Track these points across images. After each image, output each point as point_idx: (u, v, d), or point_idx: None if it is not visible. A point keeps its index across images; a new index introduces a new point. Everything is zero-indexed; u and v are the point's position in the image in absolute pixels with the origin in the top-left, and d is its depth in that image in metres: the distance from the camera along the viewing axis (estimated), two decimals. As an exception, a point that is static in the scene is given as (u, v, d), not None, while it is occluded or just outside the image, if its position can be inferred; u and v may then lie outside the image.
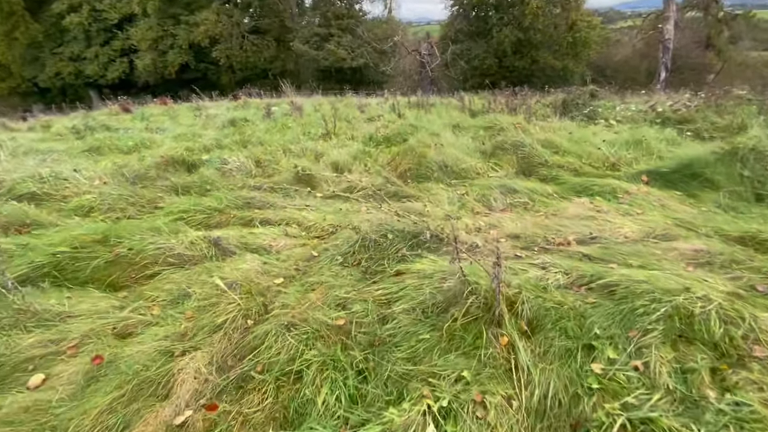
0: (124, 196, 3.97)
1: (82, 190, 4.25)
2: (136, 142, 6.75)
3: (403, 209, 3.53)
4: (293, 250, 2.92)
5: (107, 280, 2.66)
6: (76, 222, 3.67)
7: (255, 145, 5.81)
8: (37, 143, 7.01)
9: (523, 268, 2.48)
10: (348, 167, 4.77)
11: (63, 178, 4.49)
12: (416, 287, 2.24)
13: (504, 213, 3.52)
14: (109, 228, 2.99)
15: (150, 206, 3.92)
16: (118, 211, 3.82)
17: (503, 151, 4.81)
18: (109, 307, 2.32)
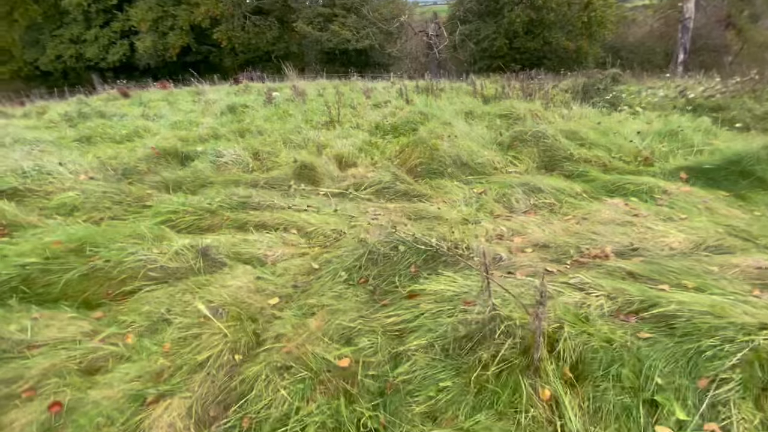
0: (109, 193, 3.64)
1: (66, 186, 3.92)
2: (130, 131, 6.39)
3: (415, 212, 3.17)
4: (291, 261, 2.58)
5: (81, 297, 2.35)
6: (57, 223, 3.36)
7: (254, 134, 5.43)
8: (27, 131, 6.68)
9: (557, 287, 2.12)
10: (353, 161, 4.40)
11: (47, 172, 4.17)
12: (434, 314, 1.90)
13: (528, 216, 3.14)
14: (86, 235, 2.67)
15: (137, 205, 3.60)
16: (103, 211, 3.50)
17: (522, 143, 4.39)
18: (78, 333, 2.01)
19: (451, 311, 1.89)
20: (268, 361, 1.69)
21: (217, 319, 1.91)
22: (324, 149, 4.58)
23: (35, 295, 2.38)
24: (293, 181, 3.89)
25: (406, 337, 1.80)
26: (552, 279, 2.26)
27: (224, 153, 4.44)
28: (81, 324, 2.11)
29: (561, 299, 2.01)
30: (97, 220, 3.42)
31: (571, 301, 1.99)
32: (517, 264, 2.44)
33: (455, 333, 1.74)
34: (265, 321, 2.01)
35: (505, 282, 2.16)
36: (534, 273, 2.35)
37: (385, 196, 3.54)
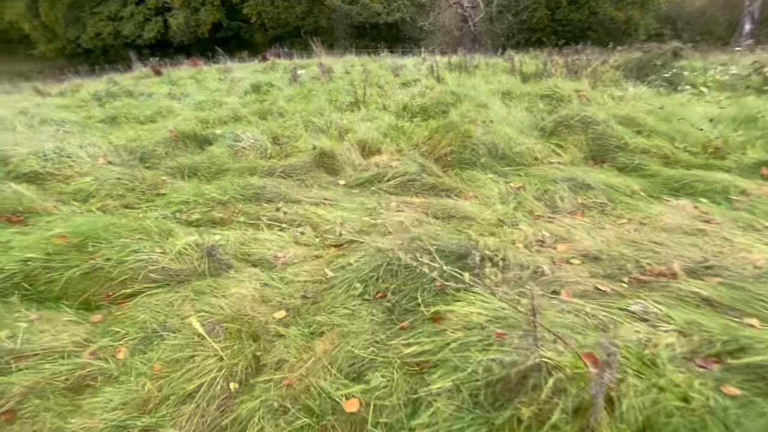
0: (124, 180, 3.51)
1: (84, 170, 3.84)
2: (154, 112, 6.30)
3: (442, 209, 2.82)
4: (303, 265, 2.33)
5: (82, 297, 2.21)
6: (71, 210, 3.27)
7: (275, 116, 5.17)
8: (57, 111, 6.74)
9: (612, 314, 1.76)
10: (377, 147, 4.05)
11: (66, 155, 4.10)
12: (462, 346, 1.59)
13: (574, 217, 2.73)
14: (90, 229, 2.51)
15: (151, 192, 3.45)
16: (116, 198, 3.38)
17: (568, 129, 3.89)
18: (71, 342, 1.85)
19: (484, 343, 1.58)
20: (265, 398, 1.45)
21: (213, 338, 1.69)
22: (346, 134, 4.25)
23: (37, 292, 2.26)
24: (312, 169, 3.61)
25: (428, 375, 1.51)
26: (606, 301, 1.89)
27: (242, 137, 4.21)
28: (76, 330, 1.96)
29: (616, 331, 1.65)
30: (110, 209, 3.31)
31: (633, 336, 1.62)
32: (562, 279, 2.07)
33: (488, 375, 1.43)
34: (268, 340, 1.77)
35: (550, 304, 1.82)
36: (583, 293, 1.98)
37: (410, 189, 3.20)
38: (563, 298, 1.90)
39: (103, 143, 4.49)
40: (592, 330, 1.68)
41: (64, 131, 5.24)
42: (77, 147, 4.26)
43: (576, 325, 1.68)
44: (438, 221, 2.69)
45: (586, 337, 1.61)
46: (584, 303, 1.86)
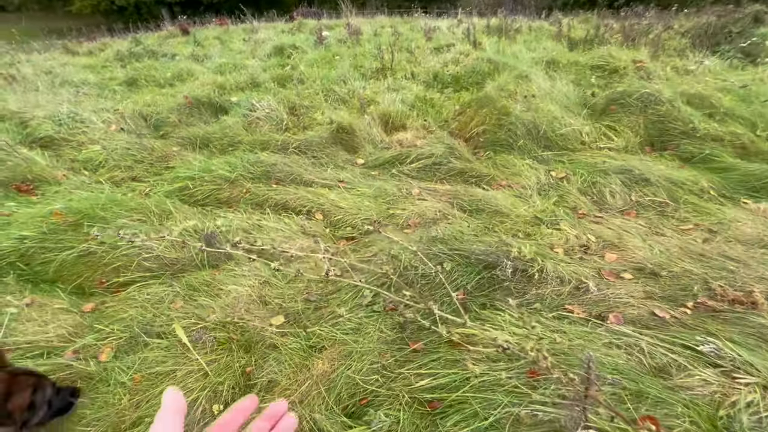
0: (133, 150, 3.33)
1: (96, 137, 3.69)
2: (174, 74, 6.07)
3: (471, 200, 2.48)
4: (309, 260, 2.09)
5: (76, 281, 2.08)
6: (81, 181, 3.14)
7: (295, 83, 4.82)
8: (80, 72, 6.64)
9: (674, 353, 1.43)
10: (402, 122, 3.67)
11: (80, 120, 3.97)
12: (485, 385, 1.32)
13: (626, 217, 2.32)
14: (88, 207, 2.36)
15: (159, 165, 3.26)
16: (124, 170, 3.22)
17: (623, 109, 3.35)
18: (55, 336, 1.71)
19: (512, 385, 1.30)
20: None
21: (199, 350, 1.50)
22: (369, 106, 3.88)
23: (33, 273, 2.14)
24: (329, 145, 3.30)
25: (441, 419, 1.26)
26: (665, 333, 1.55)
27: (258, 107, 3.92)
28: (65, 320, 1.82)
29: (681, 380, 1.33)
30: (118, 180, 3.16)
31: (700, 387, 1.29)
32: (611, 299, 1.74)
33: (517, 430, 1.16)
34: (261, 354, 1.56)
35: (596, 334, 1.50)
36: (637, 319, 1.64)
37: (435, 174, 2.85)
38: (612, 326, 1.58)
39: (120, 107, 4.33)
40: (649, 375, 1.36)
41: (82, 93, 5.12)
42: (91, 112, 4.12)
43: (629, 368, 1.37)
44: (464, 215, 2.36)
45: (641, 382, 1.30)
46: (638, 334, 1.53)
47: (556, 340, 1.48)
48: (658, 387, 1.29)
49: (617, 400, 1.23)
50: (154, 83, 5.93)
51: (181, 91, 4.98)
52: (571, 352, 1.41)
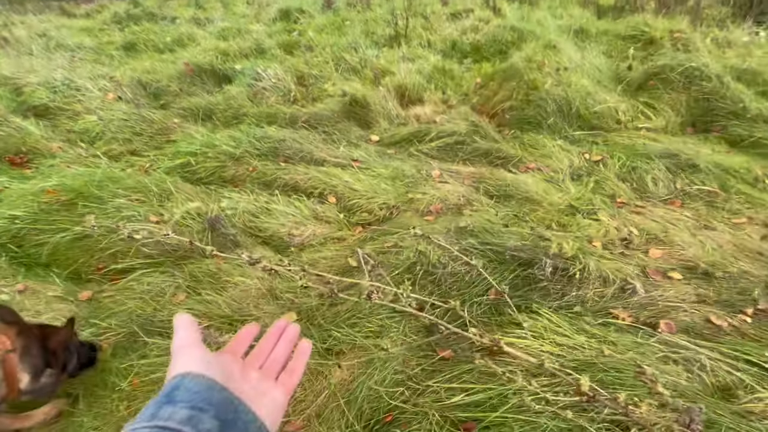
0: (131, 122, 3.11)
1: (93, 106, 3.46)
2: (174, 39, 5.73)
3: (498, 185, 2.26)
4: (322, 249, 1.91)
5: (72, 266, 1.93)
6: (76, 155, 2.95)
7: (302, 50, 4.49)
8: (76, 35, 6.30)
9: (737, 373, 1.26)
10: (418, 95, 3.40)
11: (76, 88, 3.72)
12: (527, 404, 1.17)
13: (671, 207, 2.11)
14: (83, 183, 2.17)
15: (159, 138, 3.05)
16: (122, 143, 3.02)
17: (663, 84, 3.05)
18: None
19: (559, 405, 1.14)
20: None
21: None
22: (383, 77, 3.59)
23: (26, 255, 1.99)
24: (341, 119, 3.06)
25: (477, 444, 1.11)
26: (724, 345, 1.38)
27: (264, 75, 3.65)
28: (60, 309, 1.68)
29: (751, 404, 1.16)
30: (116, 154, 2.96)
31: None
32: (660, 303, 1.56)
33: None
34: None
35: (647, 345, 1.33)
36: (690, 327, 1.47)
37: (457, 154, 2.62)
38: (665, 335, 1.40)
39: (116, 74, 4.06)
40: (713, 397, 1.20)
41: (78, 58, 4.83)
42: (87, 79, 3.86)
43: (689, 389, 1.20)
44: (491, 201, 2.15)
45: (709, 409, 1.14)
46: (695, 346, 1.36)
47: (604, 352, 1.32)
48: (726, 413, 1.13)
49: (682, 430, 1.07)
50: (153, 48, 5.61)
51: (181, 57, 4.68)
52: (623, 367, 1.24)
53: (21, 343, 1.11)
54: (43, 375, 1.16)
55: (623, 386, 1.19)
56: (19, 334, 1.12)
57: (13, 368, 1.08)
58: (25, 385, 1.12)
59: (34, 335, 1.15)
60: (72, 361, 1.23)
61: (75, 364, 1.25)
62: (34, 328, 1.16)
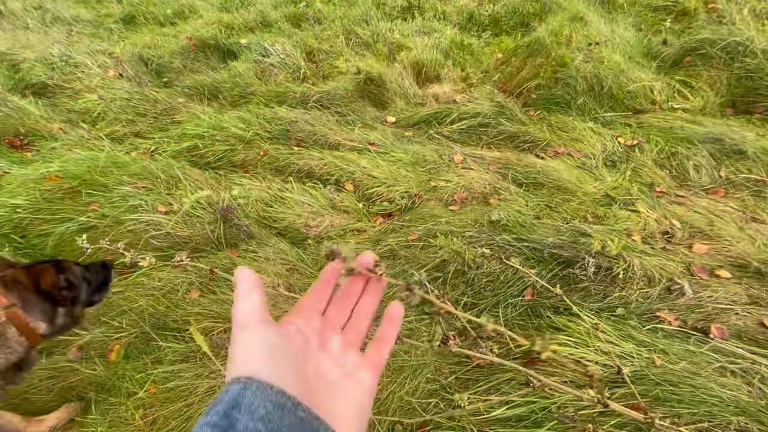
0: (134, 102, 2.96)
1: (93, 84, 3.30)
2: (175, 11, 5.44)
3: (526, 171, 2.12)
4: (341, 242, 1.80)
5: (78, 258, 1.83)
6: (80, 136, 2.82)
7: (311, 23, 4.25)
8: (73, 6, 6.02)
9: (801, 384, 1.16)
10: (436, 72, 3.20)
11: (74, 64, 3.55)
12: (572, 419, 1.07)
13: (715, 198, 1.96)
14: (87, 170, 2.05)
15: (164, 119, 2.90)
16: (125, 124, 2.88)
17: (702, 60, 2.83)
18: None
19: (613, 424, 1.04)
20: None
21: (222, 359, 1.26)
22: (398, 52, 3.38)
23: (30, 246, 1.90)
24: (354, 99, 2.88)
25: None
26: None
27: (271, 51, 3.44)
28: (68, 307, 1.59)
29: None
30: (119, 136, 2.82)
31: None
32: (708, 305, 1.44)
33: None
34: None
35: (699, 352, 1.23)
36: (743, 331, 1.36)
37: (480, 137, 2.46)
38: (719, 343, 1.30)
39: (116, 49, 3.87)
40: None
41: (75, 32, 4.61)
42: (86, 55, 3.68)
43: (752, 404, 1.10)
44: (520, 190, 2.02)
45: None
46: (752, 354, 1.25)
47: (655, 362, 1.21)
48: (795, 433, 1.03)
49: (750, 454, 0.98)
50: (153, 21, 5.34)
51: (183, 30, 4.44)
52: (678, 380, 1.14)
53: (16, 295, 1.03)
54: (57, 316, 1.09)
55: (680, 403, 1.09)
56: (7, 287, 1.03)
57: (24, 320, 1.01)
58: (44, 331, 1.05)
59: (24, 283, 1.06)
60: (82, 292, 1.15)
61: (87, 293, 1.17)
62: (21, 275, 1.07)
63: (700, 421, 1.03)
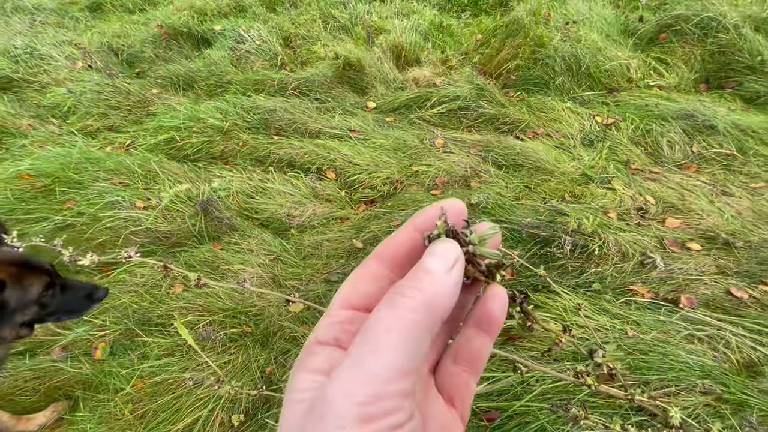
0: (105, 94, 2.86)
1: (61, 77, 3.18)
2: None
3: (506, 153, 2.14)
4: (326, 231, 1.81)
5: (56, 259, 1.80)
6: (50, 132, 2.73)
7: (287, 7, 4.13)
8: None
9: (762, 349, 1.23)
10: (416, 55, 3.17)
11: (40, 56, 3.40)
12: (550, 392, 1.13)
13: (687, 173, 2.02)
14: (60, 167, 2.00)
15: (138, 111, 2.82)
16: (98, 118, 2.79)
17: (677, 37, 2.86)
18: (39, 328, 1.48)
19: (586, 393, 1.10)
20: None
21: (208, 351, 1.27)
22: (377, 36, 3.33)
23: (6, 248, 1.86)
24: (334, 85, 2.84)
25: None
26: (746, 318, 1.34)
27: (246, 37, 3.35)
28: (49, 307, 1.57)
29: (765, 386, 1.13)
30: (92, 131, 2.74)
31: (805, 392, 1.11)
32: (679, 276, 1.51)
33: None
34: (281, 349, 1.35)
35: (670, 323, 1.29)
36: (711, 300, 1.43)
37: (461, 120, 2.46)
38: (688, 312, 1.36)
39: (83, 39, 3.71)
40: (739, 375, 1.17)
41: (39, 22, 4.40)
42: (51, 46, 3.52)
43: (716, 368, 1.17)
44: (500, 172, 2.04)
45: (735, 388, 1.11)
46: (718, 322, 1.32)
47: (628, 332, 1.27)
48: (755, 392, 1.10)
49: (713, 414, 1.05)
50: (121, 8, 5.12)
51: (154, 17, 4.28)
52: (649, 349, 1.20)
53: None
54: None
55: (650, 370, 1.15)
56: None
57: None
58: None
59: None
60: (19, 315, 0.98)
61: (30, 315, 1.00)
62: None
63: (668, 386, 1.09)
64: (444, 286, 0.18)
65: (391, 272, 0.21)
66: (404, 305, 0.17)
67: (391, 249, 0.22)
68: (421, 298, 0.18)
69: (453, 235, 0.21)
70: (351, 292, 0.21)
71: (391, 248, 0.22)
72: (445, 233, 0.21)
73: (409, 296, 0.18)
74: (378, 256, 0.22)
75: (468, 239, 0.21)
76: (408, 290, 0.18)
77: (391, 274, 0.21)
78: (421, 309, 0.17)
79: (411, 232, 0.22)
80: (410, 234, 0.22)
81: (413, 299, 0.18)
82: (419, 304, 0.18)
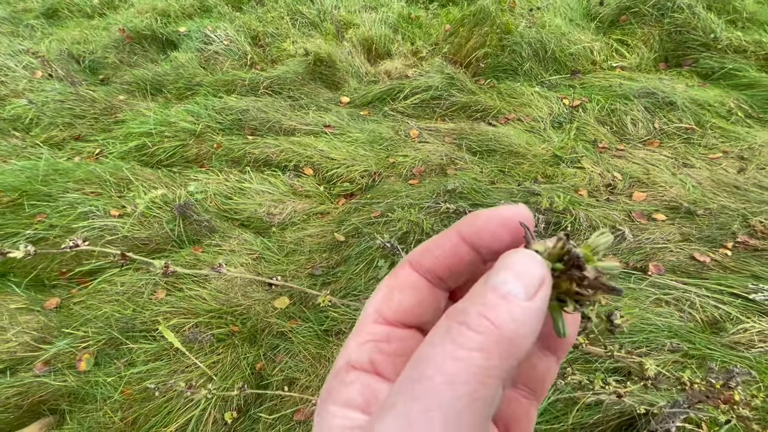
0: (68, 104, 2.77)
1: (20, 88, 3.05)
2: (102, 0, 5.05)
3: (479, 139, 2.19)
4: (306, 225, 1.82)
5: (31, 273, 1.75)
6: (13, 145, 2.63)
7: (253, 5, 4.07)
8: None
9: (723, 306, 1.32)
10: (386, 48, 3.18)
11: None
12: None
13: (650, 148, 2.12)
14: (26, 180, 1.94)
15: (105, 119, 2.75)
16: (63, 128, 2.70)
17: (636, 18, 2.97)
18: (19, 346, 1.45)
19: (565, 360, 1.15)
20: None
21: (196, 352, 1.28)
22: (346, 30, 3.32)
23: (-25, 267, 1.80)
24: (306, 81, 2.83)
25: None
26: (708, 280, 1.43)
27: (213, 37, 3.29)
28: (27, 322, 1.54)
29: (738, 336, 1.22)
30: (58, 142, 2.66)
31: (763, 344, 1.20)
32: (646, 246, 1.59)
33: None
34: (270, 345, 1.36)
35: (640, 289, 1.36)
36: (677, 266, 1.51)
37: (434, 110, 2.50)
38: (655, 278, 1.44)
39: (41, 48, 3.57)
40: (703, 332, 1.25)
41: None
42: (6, 56, 3.37)
43: (686, 328, 1.25)
44: (475, 158, 2.09)
45: (701, 344, 1.19)
46: (683, 285, 1.40)
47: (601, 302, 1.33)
48: (717, 346, 1.18)
49: (681, 369, 1.12)
50: (79, 13, 4.93)
51: (114, 21, 4.14)
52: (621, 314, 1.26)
53: None
54: None
55: (622, 333, 1.21)
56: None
57: None
58: None
59: None
60: None
61: None
62: None
63: (639, 348, 1.16)
64: (527, 317, 0.14)
65: (430, 282, 0.18)
66: (471, 343, 0.13)
67: (430, 258, 0.18)
68: (496, 335, 0.13)
69: (566, 258, 0.15)
70: (384, 305, 0.18)
71: (431, 257, 0.18)
72: (563, 261, 0.15)
73: (478, 329, 0.13)
74: (414, 264, 0.18)
75: (575, 252, 0.15)
76: (476, 320, 0.14)
77: (429, 285, 0.18)
78: (494, 351, 0.13)
79: (457, 243, 0.17)
80: (456, 243, 0.18)
81: (485, 335, 0.13)
82: (493, 344, 0.13)
